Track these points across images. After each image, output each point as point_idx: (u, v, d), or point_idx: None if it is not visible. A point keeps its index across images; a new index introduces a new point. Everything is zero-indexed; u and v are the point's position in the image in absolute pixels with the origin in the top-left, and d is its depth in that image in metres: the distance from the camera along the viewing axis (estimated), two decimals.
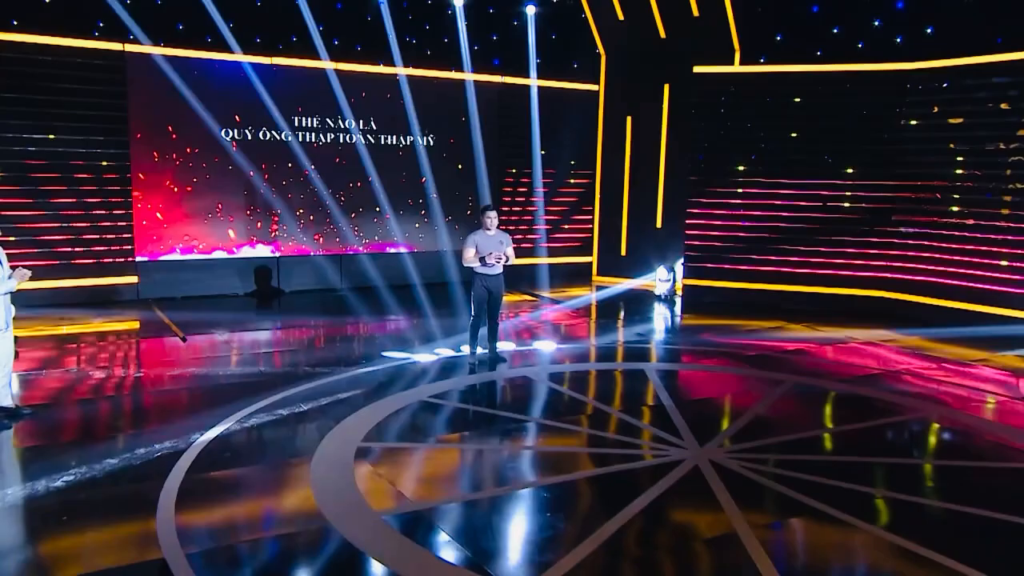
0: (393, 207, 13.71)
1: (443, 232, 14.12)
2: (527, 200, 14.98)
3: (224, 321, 10.63)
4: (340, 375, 7.84)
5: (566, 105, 15.00)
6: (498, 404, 7.36)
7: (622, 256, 15.07)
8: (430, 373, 8.04)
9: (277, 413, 6.64)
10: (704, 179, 12.97)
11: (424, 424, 6.60)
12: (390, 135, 13.67)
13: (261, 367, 8.21)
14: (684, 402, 7.22)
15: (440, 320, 10.83)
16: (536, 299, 13.09)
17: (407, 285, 13.01)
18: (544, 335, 10.13)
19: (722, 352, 9.21)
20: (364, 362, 8.38)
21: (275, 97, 12.52)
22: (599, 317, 11.74)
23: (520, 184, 14.90)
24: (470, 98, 13.96)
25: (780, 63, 12.51)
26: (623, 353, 9.26)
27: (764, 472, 5.51)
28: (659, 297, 13.16)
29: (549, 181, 15.04)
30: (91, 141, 11.50)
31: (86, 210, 11.59)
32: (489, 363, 8.40)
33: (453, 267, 13.49)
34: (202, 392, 7.33)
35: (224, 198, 12.57)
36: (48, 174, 11.24)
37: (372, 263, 13.50)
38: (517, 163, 14.73)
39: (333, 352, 9.05)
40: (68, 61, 11.22)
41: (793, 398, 7.40)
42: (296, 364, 8.33)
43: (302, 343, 9.73)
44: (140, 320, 10.79)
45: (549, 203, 15.15)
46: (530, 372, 8.16)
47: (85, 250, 11.68)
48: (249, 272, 12.92)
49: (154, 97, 11.82)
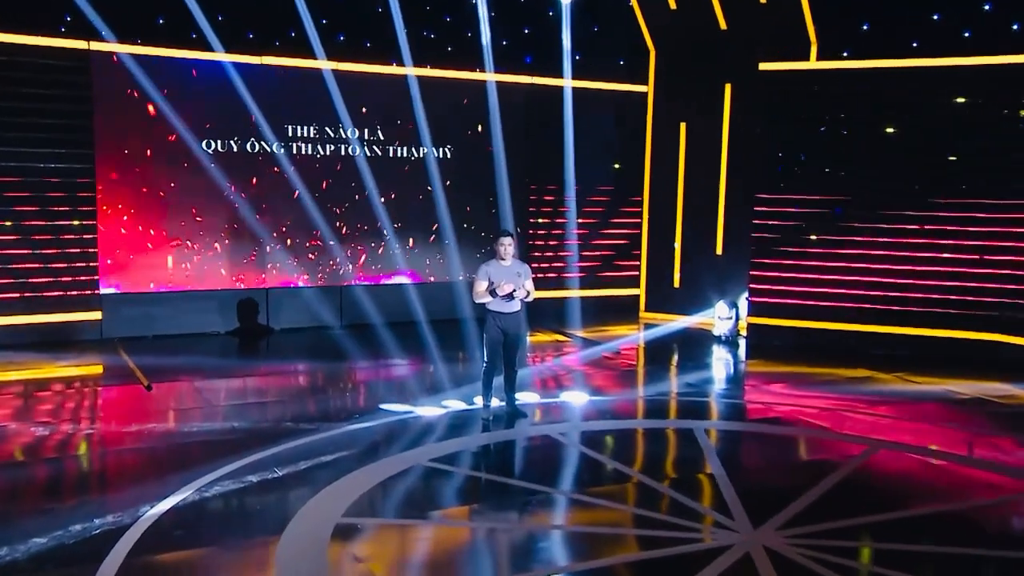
0: (399, 231, 13.81)
1: (455, 260, 14.12)
2: (558, 222, 15.07)
3: (199, 365, 10.70)
4: (327, 432, 7.83)
5: (608, 110, 15.07)
6: (514, 471, 7.31)
7: (675, 288, 15.03)
8: (435, 431, 8.01)
9: (246, 480, 6.59)
10: (774, 197, 12.89)
11: (423, 495, 6.53)
12: (399, 146, 13.79)
13: (235, 422, 8.23)
14: (739, 471, 7.11)
15: (450, 366, 10.80)
16: (568, 340, 13.08)
17: (412, 322, 13.03)
18: (575, 385, 10.08)
19: (791, 408, 9.07)
20: (357, 416, 8.39)
21: (265, 103, 12.70)
22: (644, 363, 11.71)
23: (550, 203, 15.00)
24: (492, 102, 14.05)
25: (867, 57, 12.41)
26: (670, 408, 9.21)
27: (839, 565, 5.24)
28: (719, 338, 13.13)
29: (589, 200, 15.12)
30: (48, 154, 11.72)
31: (41, 234, 11.78)
32: (506, 419, 8.35)
33: (467, 301, 13.44)
34: (161, 453, 7.32)
35: (204, 220, 12.72)
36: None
37: (374, 296, 13.54)
38: (547, 178, 14.83)
39: (322, 404, 9.06)
40: (22, 61, 11.49)
41: (876, 468, 7.23)
42: (277, 418, 8.35)
43: (286, 393, 9.77)
44: (100, 364, 10.87)
45: (585, 225, 15.20)
46: (555, 430, 8.09)
47: (39, 281, 11.86)
48: (232, 307, 13.03)
49: (123, 103, 12.02)
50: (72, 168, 11.90)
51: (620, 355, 11.97)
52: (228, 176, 12.68)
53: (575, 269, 15.09)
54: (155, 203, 12.43)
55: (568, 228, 15.04)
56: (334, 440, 7.60)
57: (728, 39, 14.07)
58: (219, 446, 7.39)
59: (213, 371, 10.48)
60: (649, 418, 8.73)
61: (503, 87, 14.24)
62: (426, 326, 12.69)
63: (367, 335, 12.52)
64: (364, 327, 13.03)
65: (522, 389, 9.16)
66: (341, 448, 7.35)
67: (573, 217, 14.97)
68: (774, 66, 12.84)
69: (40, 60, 11.56)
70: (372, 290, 13.66)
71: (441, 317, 13.38)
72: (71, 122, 11.85)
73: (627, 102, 15.15)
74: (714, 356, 12.14)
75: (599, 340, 12.95)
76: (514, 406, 8.52)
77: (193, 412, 8.65)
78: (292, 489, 6.40)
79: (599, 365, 11.29)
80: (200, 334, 12.72)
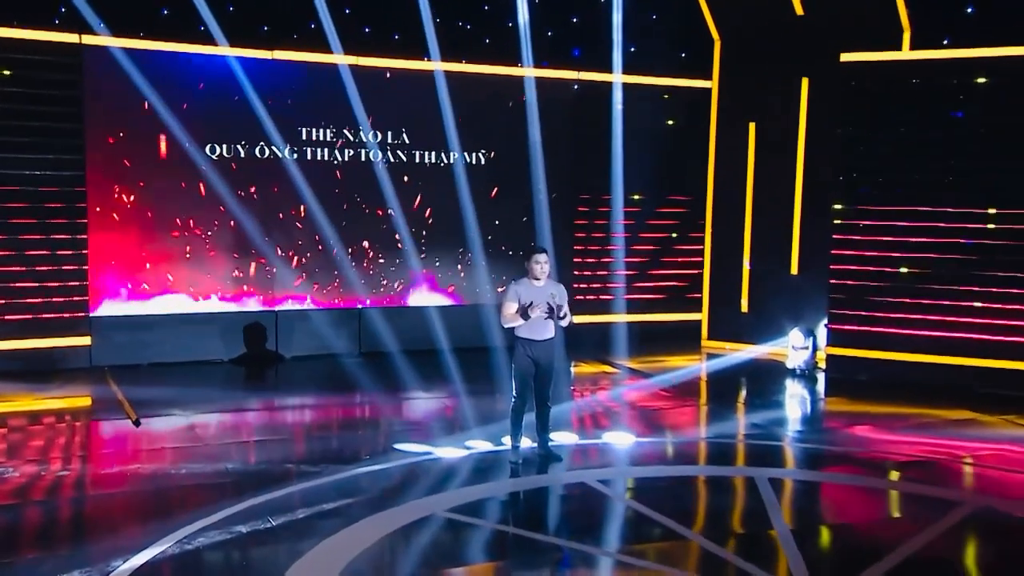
0: (425, 247, 13.82)
1: (486, 280, 14.09)
2: (605, 236, 15.03)
3: (197, 398, 10.75)
4: (332, 475, 7.81)
5: (665, 108, 15.00)
6: (546, 524, 7.23)
7: (742, 313, 14.90)
8: (456, 475, 7.96)
9: (234, 530, 6.53)
10: (859, 208, 12.73)
11: (438, 550, 6.43)
12: (427, 152, 13.85)
13: (229, 463, 8.24)
14: (809, 530, 6.95)
15: (476, 400, 10.74)
16: (616, 371, 13.04)
17: (438, 350, 12.98)
18: (620, 424, 9.99)
19: (876, 455, 8.89)
20: (367, 458, 8.39)
21: (277, 103, 12.81)
22: (703, 399, 11.63)
23: (597, 215, 14.97)
24: (533, 101, 14.02)
25: (970, 46, 12.20)
26: (731, 452, 9.12)
27: None
28: (793, 371, 12.99)
29: (642, 212, 15.07)
30: (34, 160, 11.90)
31: (25, 249, 11.92)
32: (538, 463, 8.28)
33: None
34: (143, 498, 7.30)
35: (207, 234, 12.82)
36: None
37: (396, 320, 13.56)
38: (595, 186, 14.83)
39: (329, 442, 9.12)
40: (4, 58, 11.70)
41: (974, 532, 7.03)
42: (276, 459, 8.35)
43: (290, 430, 9.77)
44: (86, 396, 10.97)
45: (638, 240, 15.17)
46: (595, 477, 7.97)
47: (21, 302, 11.97)
48: (237, 331, 13.09)
49: (118, 103, 12.18)
50: (61, 176, 12.08)
51: (676, 390, 11.86)
52: (234, 185, 12.78)
53: (625, 290, 15.05)
54: (153, 215, 12.55)
55: (617, 243, 15.01)
56: (339, 485, 7.56)
57: (805, 26, 13.93)
58: (208, 491, 7.36)
59: (211, 404, 10.56)
60: (705, 464, 8.65)
61: (547, 84, 14.27)
62: (453, 354, 12.66)
63: (386, 364, 12.54)
64: (384, 355, 13.03)
65: (558, 428, 9.06)
66: (346, 494, 7.30)
67: (623, 230, 14.96)
68: (859, 56, 12.68)
69: (25, 56, 11.78)
70: (394, 314, 13.69)
71: (471, 344, 13.31)
72: (59, 125, 12.03)
73: (688, 99, 15.10)
74: (787, 392, 12.05)
75: (652, 372, 12.87)
76: (547, 448, 8.42)
77: (184, 451, 8.65)
78: (286, 542, 6.33)
79: (650, 401, 11.24)
80: (201, 362, 12.79)
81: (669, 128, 15.04)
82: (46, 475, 7.88)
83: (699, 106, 15.07)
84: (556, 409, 9.06)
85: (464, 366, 12.17)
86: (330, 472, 7.87)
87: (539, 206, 14.22)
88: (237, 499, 7.12)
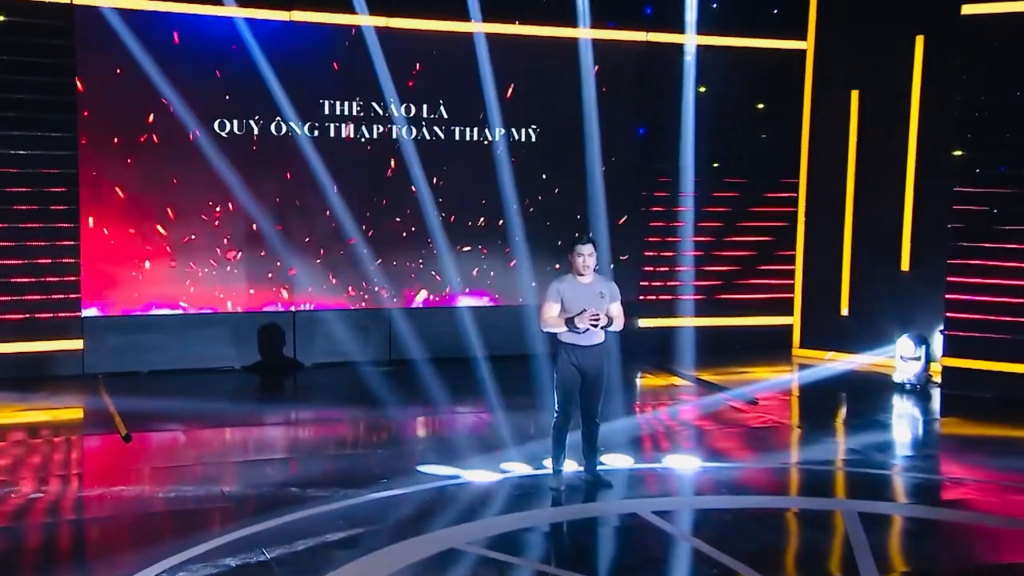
0: (467, 238, 13.90)
1: (532, 276, 14.02)
2: (680, 226, 14.97)
3: (200, 411, 10.86)
4: (343, 501, 7.80)
5: (750, 74, 14.88)
6: (591, 563, 7.13)
7: (842, 318, 14.74)
8: (487, 503, 7.91)
9: (222, 564, 6.49)
10: (985, 192, 12.63)
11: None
12: (467, 127, 13.91)
13: (227, 485, 8.28)
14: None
15: (517, 415, 10.75)
16: (686, 383, 12.99)
17: (477, 358, 12.90)
18: (686, 445, 9.95)
19: (996, 487, 8.71)
20: (386, 481, 8.39)
21: (295, 72, 12.89)
22: (790, 417, 11.59)
23: (669, 201, 14.97)
24: (586, 68, 13.94)
25: None
26: (818, 482, 8.97)
27: None
28: (901, 386, 12.82)
29: (721, 197, 15.04)
30: (18, 139, 12.10)
31: (6, 240, 12.14)
32: (585, 489, 8.24)
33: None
34: (124, 524, 7.33)
35: (215, 223, 12.96)
36: None
37: (431, 323, 13.64)
38: (666, 168, 14.77)
39: (342, 463, 9.12)
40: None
41: None
42: (281, 482, 8.37)
43: (299, 447, 9.87)
44: (74, 407, 11.12)
45: (716, 230, 15.18)
46: (649, 508, 7.83)
47: (4, 300, 12.18)
48: (250, 335, 13.23)
49: (116, 75, 12.32)
50: (48, 157, 12.28)
51: (756, 406, 11.74)
52: (246, 167, 12.89)
53: (698, 289, 15.12)
54: (153, 201, 12.71)
55: (691, 234, 14.97)
56: (349, 512, 7.54)
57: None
58: (199, 517, 7.40)
59: (214, 418, 10.67)
60: (785, 495, 8.50)
61: (609, 47, 14.25)
62: (496, 362, 12.65)
63: (418, 373, 12.49)
64: (417, 363, 12.93)
65: (610, 450, 9.04)
66: (356, 523, 7.28)
67: (698, 219, 14.93)
68: (984, 8, 12.49)
69: (10, 18, 12.01)
70: (429, 315, 13.78)
71: (517, 351, 13.18)
72: (47, 99, 12.22)
73: (777, 64, 15.03)
74: (893, 411, 11.93)
75: (729, 385, 12.77)
76: (595, 472, 8.36)
77: (176, 471, 8.74)
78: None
79: (723, 420, 11.23)
80: (208, 370, 12.98)
81: (755, 98, 15.01)
82: (15, 498, 7.90)
83: (791, 72, 14.96)
84: (609, 427, 8.98)
85: (506, 375, 12.16)
86: (340, 497, 7.85)
87: (595, 190, 14.17)
88: (230, 527, 7.13)
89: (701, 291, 15.08)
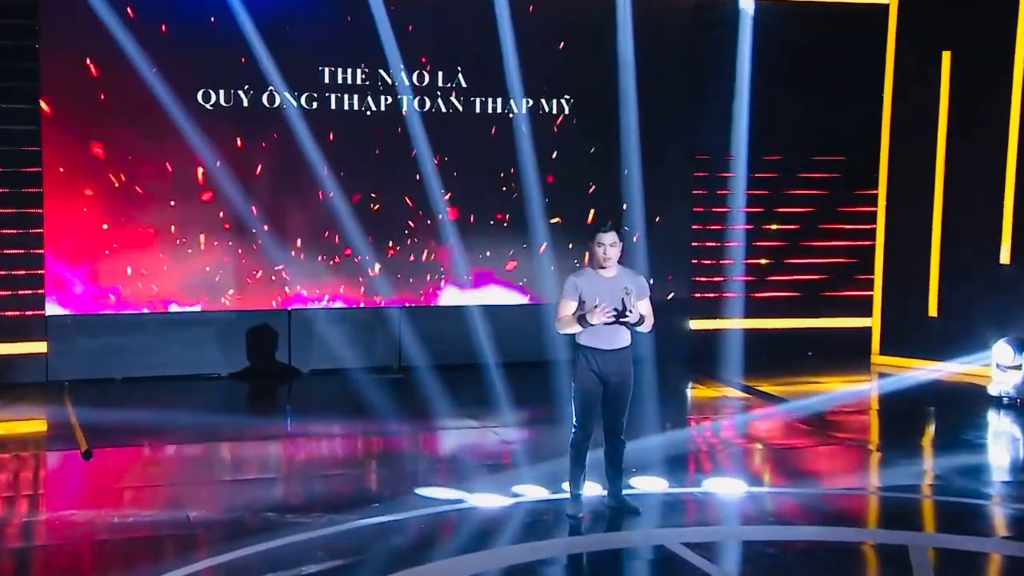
0: (488, 226, 13.94)
1: (547, 271, 14.09)
2: (737, 212, 14.95)
3: (175, 423, 10.89)
4: (324, 528, 7.79)
5: (820, 35, 14.82)
6: None
7: (929, 319, 14.67)
8: (493, 532, 7.86)
9: None
10: None
11: None
12: (488, 98, 13.91)
13: (194, 509, 8.25)
14: None
15: (531, 430, 10.85)
16: (741, 395, 13.08)
17: (497, 364, 12.91)
18: (730, 467, 9.97)
19: None
20: (377, 505, 8.41)
21: (290, 34, 12.95)
22: (860, 435, 11.50)
23: (723, 183, 14.95)
24: (623, 29, 13.89)
25: None
26: (884, 510, 8.93)
27: None
28: (998, 399, 12.71)
29: (778, 178, 14.98)
30: None
31: None
32: (608, 517, 8.23)
33: None
34: (68, 555, 7.33)
35: (199, 208, 12.98)
36: None
37: (448, 323, 13.68)
38: (718, 144, 14.75)
39: (330, 485, 9.09)
40: None
41: None
42: (256, 506, 8.34)
43: (281, 466, 9.94)
44: (32, 419, 11.19)
45: (779, 217, 15.21)
46: (679, 539, 7.79)
47: None
48: (239, 337, 13.29)
49: (82, 44, 12.37)
50: (6, 133, 12.34)
51: (819, 422, 11.68)
52: (234, 143, 12.98)
53: (759, 285, 15.18)
54: (128, 183, 12.76)
55: (750, 221, 15.03)
56: (332, 541, 7.52)
57: None
58: (156, 546, 7.40)
59: (191, 432, 10.70)
60: (845, 525, 8.31)
61: (654, 5, 14.18)
62: (520, 369, 12.76)
63: (431, 382, 12.42)
64: (430, 370, 12.89)
65: (643, 471, 9.08)
66: (339, 554, 7.27)
67: (758, 204, 14.97)
68: None
69: None
70: (446, 315, 13.77)
71: (547, 357, 12.99)
72: (6, 65, 12.28)
73: (852, 22, 14.97)
74: (988, 428, 11.82)
75: (794, 397, 12.74)
76: (620, 497, 8.33)
77: (139, 493, 8.76)
78: None
79: (780, 437, 11.26)
80: (190, 376, 13.01)
81: (826, 62, 14.89)
82: None
83: (871, 31, 14.87)
84: (642, 444, 9.24)
85: (529, 383, 12.18)
86: (323, 524, 7.85)
87: (635, 169, 14.12)
88: (190, 558, 7.11)
89: (763, 287, 15.07)
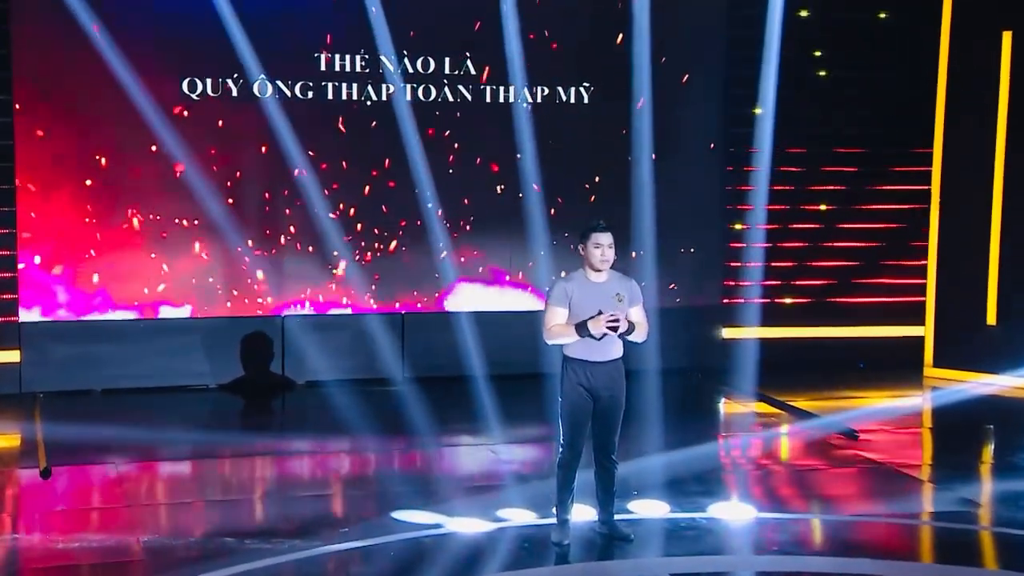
0: (498, 224, 13.94)
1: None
2: (774, 212, 14.97)
3: (148, 440, 10.98)
4: (285, 555, 7.82)
5: (863, 14, 14.79)
6: None
7: (988, 327, 14.44)
8: (471, 561, 7.84)
9: None
10: None
11: None
12: (499, 86, 13.96)
13: (146, 534, 8.34)
14: None
15: (530, 447, 11.09)
16: (773, 410, 12.98)
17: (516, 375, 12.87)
18: (742, 489, 9.91)
19: None
20: (346, 531, 8.47)
21: (283, 19, 12.94)
22: (898, 455, 11.32)
23: (756, 179, 14.74)
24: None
25: None
26: (913, 539, 8.89)
27: None
28: None
29: (826, 172, 14.84)
30: None
31: None
32: (601, 544, 8.24)
33: None
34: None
35: (185, 205, 12.86)
36: None
37: (454, 330, 13.52)
38: (747, 135, 14.66)
39: (299, 508, 9.12)
40: None
41: None
42: (215, 530, 8.46)
43: (250, 487, 10.20)
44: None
45: (819, 217, 15.15)
46: (669, 569, 7.87)
47: None
48: (230, 345, 13.28)
49: (57, 34, 12.28)
50: None
51: (855, 441, 11.53)
52: (223, 135, 12.99)
53: (799, 290, 15.22)
54: (109, 179, 12.73)
55: (787, 221, 15.02)
56: (293, 569, 7.63)
57: None
58: (97, 574, 7.59)
59: (163, 449, 10.88)
60: (863, 556, 8.06)
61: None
62: (532, 380, 12.28)
63: (435, 394, 12.46)
64: (438, 381, 13.10)
65: (644, 494, 9.12)
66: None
67: (794, 202, 15.00)
68: None
69: None
70: (454, 322, 13.57)
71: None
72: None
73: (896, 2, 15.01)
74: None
75: (829, 412, 12.67)
76: (612, 523, 8.26)
77: (91, 515, 8.94)
78: None
79: (806, 457, 11.31)
80: (176, 388, 13.06)
81: (872, 44, 14.79)
82: None
83: (919, 9, 14.69)
84: (646, 463, 9.48)
85: (533, 395, 11.87)
86: (284, 550, 7.85)
87: (661, 162, 14.03)
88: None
89: (803, 292, 15.06)
